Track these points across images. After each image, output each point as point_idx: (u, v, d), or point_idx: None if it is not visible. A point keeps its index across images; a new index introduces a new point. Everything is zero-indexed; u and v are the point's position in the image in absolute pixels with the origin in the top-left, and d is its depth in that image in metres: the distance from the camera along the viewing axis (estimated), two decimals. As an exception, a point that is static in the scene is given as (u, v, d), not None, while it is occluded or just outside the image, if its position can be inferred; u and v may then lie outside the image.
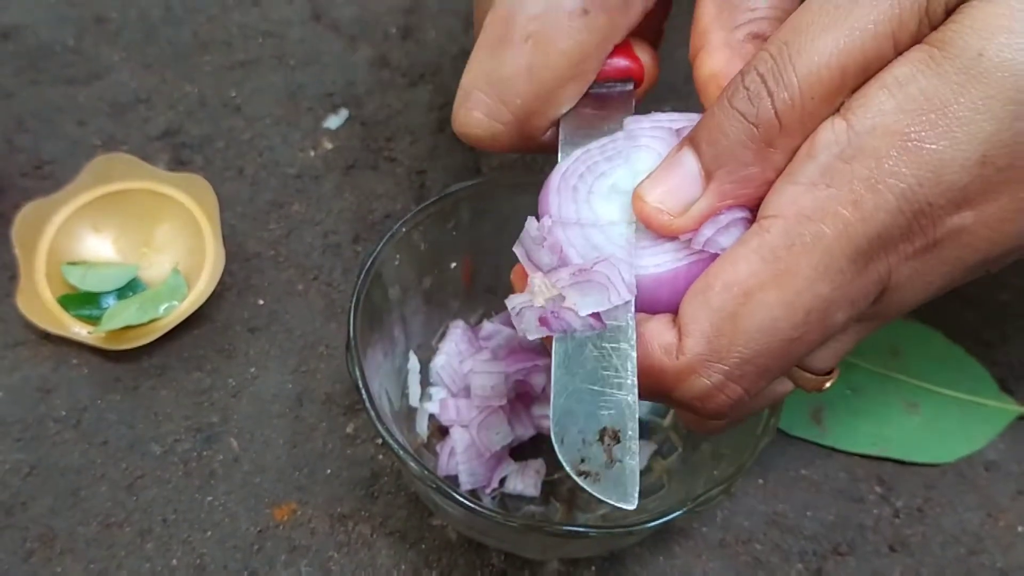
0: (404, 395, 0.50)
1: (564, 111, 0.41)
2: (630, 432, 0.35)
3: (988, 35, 0.31)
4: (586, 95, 0.41)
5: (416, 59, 0.67)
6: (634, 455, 0.34)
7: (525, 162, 0.62)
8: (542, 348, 0.49)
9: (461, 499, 0.40)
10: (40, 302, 0.54)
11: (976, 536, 0.50)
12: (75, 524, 0.48)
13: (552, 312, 0.36)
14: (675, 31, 0.68)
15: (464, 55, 0.66)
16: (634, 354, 0.35)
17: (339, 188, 0.61)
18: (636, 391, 0.35)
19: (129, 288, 0.55)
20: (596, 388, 0.35)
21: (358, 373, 0.43)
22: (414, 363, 0.51)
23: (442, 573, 0.48)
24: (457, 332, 0.52)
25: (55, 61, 0.65)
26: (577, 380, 0.36)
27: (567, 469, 0.34)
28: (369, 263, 0.46)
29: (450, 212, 0.49)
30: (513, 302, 0.37)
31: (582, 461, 0.34)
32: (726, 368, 0.34)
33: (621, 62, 0.42)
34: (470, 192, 0.49)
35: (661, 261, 0.36)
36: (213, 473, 0.50)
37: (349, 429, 0.52)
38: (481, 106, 0.41)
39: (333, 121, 0.64)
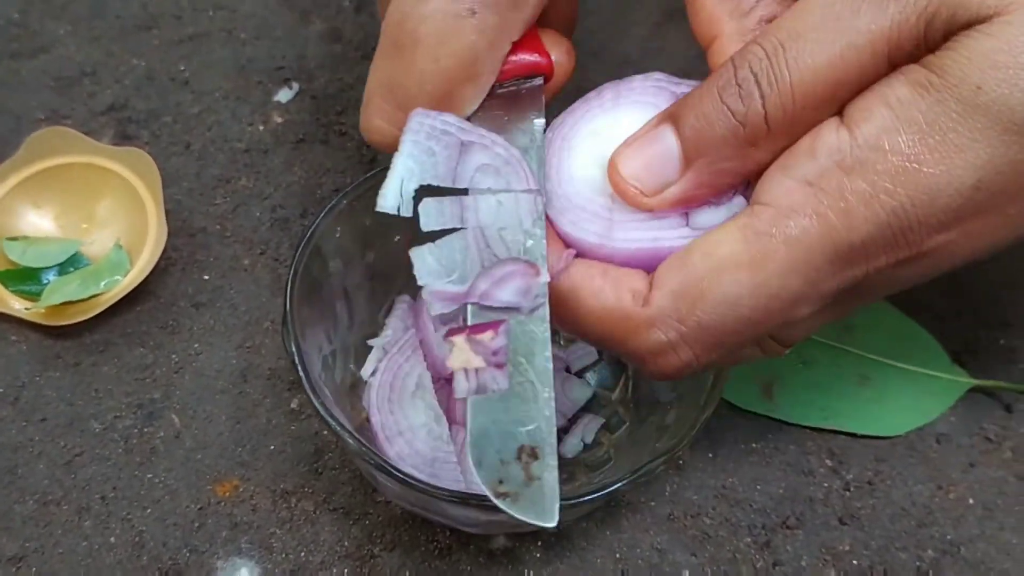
0: (349, 369, 0.50)
1: (467, 113, 0.40)
2: (548, 447, 0.35)
3: (985, 69, 0.32)
4: (492, 95, 0.40)
5: (370, 32, 0.66)
6: (553, 469, 0.34)
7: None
8: None
9: (397, 473, 0.40)
10: (-22, 278, 0.53)
11: (926, 508, 0.50)
12: (11, 502, 0.47)
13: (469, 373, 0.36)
14: (632, 5, 0.68)
15: (418, 28, 0.66)
16: (550, 366, 0.35)
17: (288, 162, 0.60)
18: (553, 404, 0.35)
19: (70, 263, 0.54)
20: (512, 404, 0.35)
21: (295, 348, 0.43)
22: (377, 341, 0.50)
23: (386, 549, 0.47)
24: (403, 307, 0.51)
25: (0, 35, 0.64)
26: (493, 398, 0.35)
27: (487, 492, 0.34)
28: (308, 236, 0.45)
29: (394, 184, 0.48)
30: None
31: (500, 483, 0.34)
32: (683, 329, 0.35)
33: (526, 57, 0.40)
34: (415, 164, 0.48)
35: (641, 238, 0.37)
36: (154, 450, 0.49)
37: (294, 404, 0.51)
38: (380, 112, 0.40)
39: (284, 95, 0.63)
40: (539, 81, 0.41)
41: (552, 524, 0.34)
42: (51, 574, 0.45)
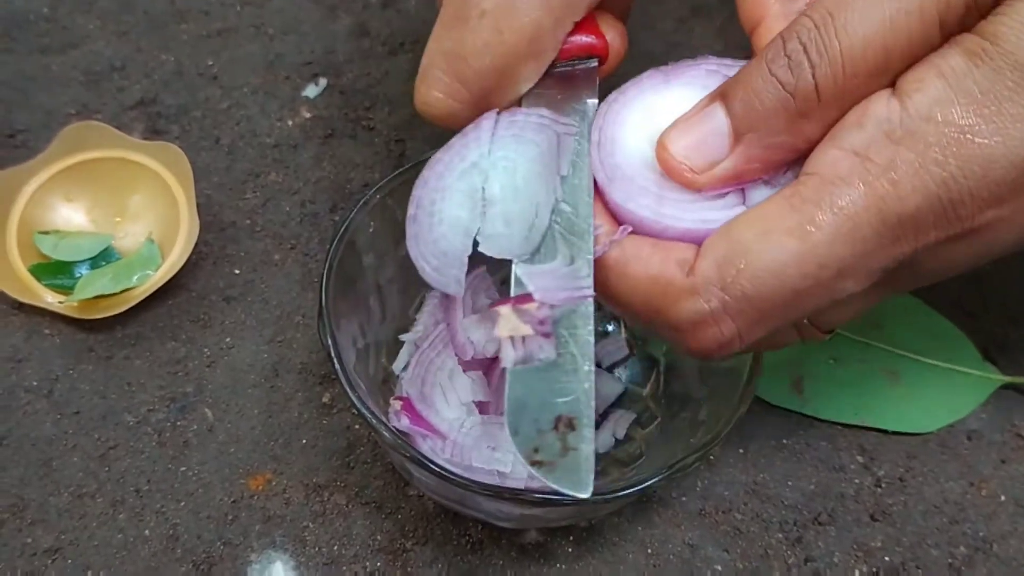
0: (381, 364, 0.50)
1: (524, 90, 0.40)
2: (586, 419, 0.34)
3: None
4: (548, 74, 0.40)
5: (396, 28, 0.66)
6: (589, 442, 0.34)
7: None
8: None
9: (433, 466, 0.40)
10: (12, 271, 0.53)
11: (958, 505, 0.50)
12: (46, 495, 0.48)
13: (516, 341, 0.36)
14: (658, 0, 0.68)
15: (445, 24, 0.66)
16: (591, 340, 0.35)
17: (317, 157, 0.60)
18: (592, 378, 0.35)
19: (102, 257, 0.54)
20: (552, 375, 0.35)
21: (330, 342, 0.43)
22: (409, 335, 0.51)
23: (418, 543, 0.47)
24: (434, 302, 0.51)
25: (29, 30, 0.64)
26: (534, 368, 0.35)
27: (521, 459, 0.34)
28: (342, 230, 0.45)
29: (426, 178, 0.48)
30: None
31: (536, 451, 0.34)
32: (726, 298, 0.34)
33: (584, 39, 0.41)
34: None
35: (692, 218, 0.36)
36: (187, 443, 0.50)
37: (325, 399, 0.51)
38: (439, 85, 0.40)
39: (311, 90, 0.63)
40: (594, 63, 0.41)
41: (586, 494, 0.33)
42: (86, 567, 0.46)
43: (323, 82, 0.63)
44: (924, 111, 0.32)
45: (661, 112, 0.38)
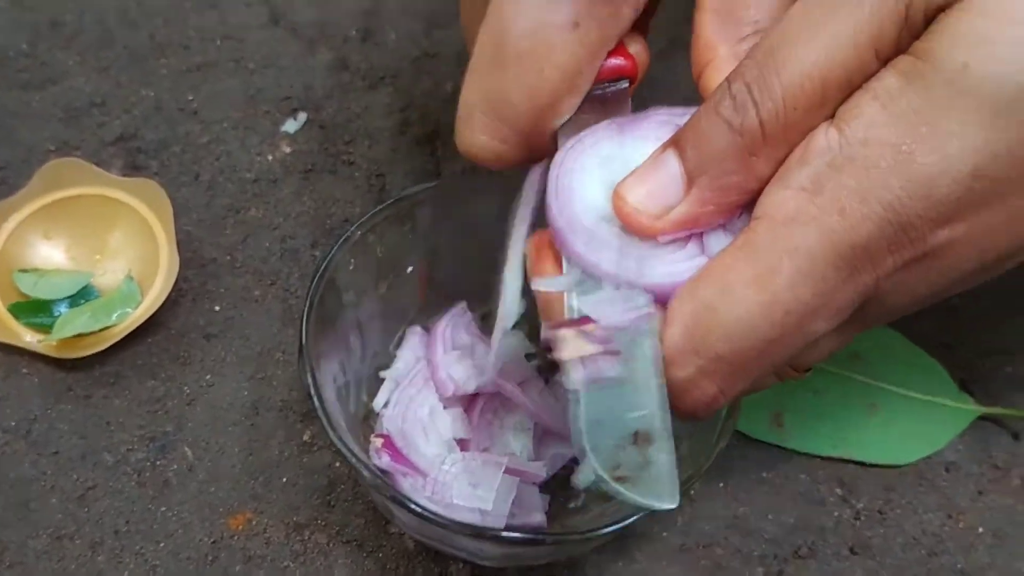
0: (362, 401, 0.50)
1: (562, 122, 0.40)
2: (663, 431, 0.34)
3: (969, 46, 0.31)
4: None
5: (376, 62, 0.66)
6: (670, 452, 0.34)
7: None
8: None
9: (414, 506, 0.40)
10: (-10, 311, 0.53)
11: (937, 537, 0.50)
12: (25, 536, 0.47)
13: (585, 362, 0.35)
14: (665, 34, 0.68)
15: (424, 57, 0.66)
16: (659, 350, 0.35)
17: (297, 192, 0.60)
18: (664, 388, 0.34)
19: (82, 295, 0.54)
20: (623, 392, 0.35)
21: (310, 380, 0.43)
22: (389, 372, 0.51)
23: (400, 582, 0.47)
24: (415, 339, 0.51)
25: (9, 66, 0.64)
26: (605, 385, 0.35)
27: (604, 478, 0.34)
28: (322, 268, 0.45)
29: (406, 215, 0.49)
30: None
31: (617, 467, 0.34)
32: (701, 363, 0.34)
33: (614, 62, 0.41)
34: (427, 195, 0.49)
35: (653, 272, 0.36)
36: (167, 483, 0.49)
37: (306, 436, 0.51)
38: (484, 128, 0.40)
39: (291, 125, 0.63)
40: (624, 84, 0.41)
41: (674, 504, 0.34)
42: (65, 609, 0.45)
43: (303, 116, 0.63)
44: (861, 135, 0.32)
45: (616, 164, 0.38)
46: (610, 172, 0.38)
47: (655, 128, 0.39)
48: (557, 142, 0.40)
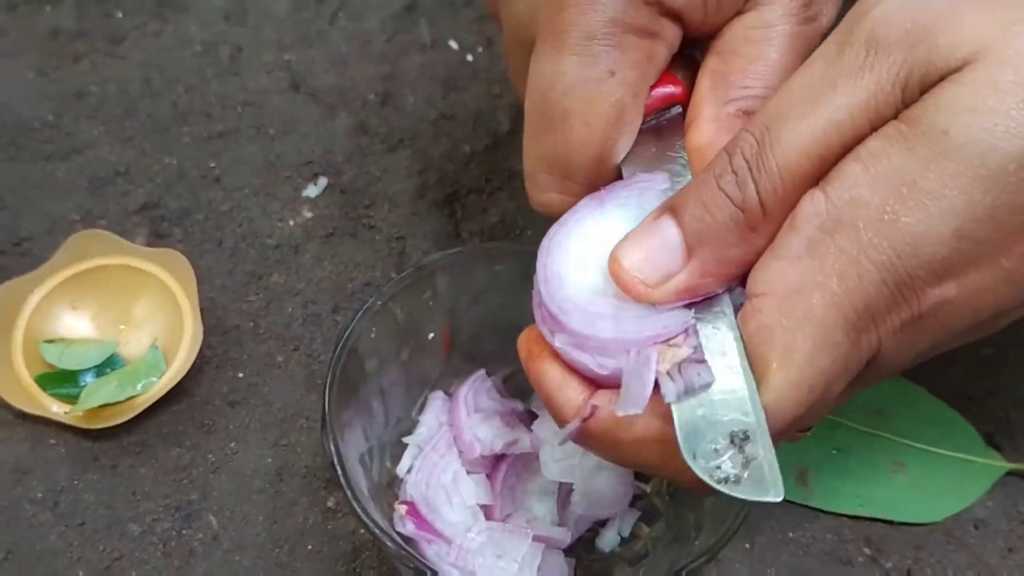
0: (385, 467, 0.50)
1: (621, 158, 0.41)
2: (760, 429, 0.34)
3: (953, 114, 0.31)
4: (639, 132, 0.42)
5: (395, 125, 0.67)
6: (768, 448, 0.33)
7: (505, 226, 0.62)
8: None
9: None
10: (17, 381, 0.53)
11: (967, 596, 0.49)
12: (52, 609, 0.48)
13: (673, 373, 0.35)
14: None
15: (443, 119, 0.67)
16: (740, 346, 0.35)
17: (318, 257, 0.61)
18: (752, 382, 0.34)
19: (107, 365, 0.54)
20: (716, 395, 0.35)
21: (334, 451, 0.43)
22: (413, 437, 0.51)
23: (425, 650, 0.47)
24: (437, 403, 0.51)
25: (34, 137, 0.65)
26: (699, 393, 0.35)
27: (707, 482, 0.33)
28: (345, 338, 0.46)
29: (426, 282, 0.49)
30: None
31: (718, 468, 0.34)
32: None
33: (663, 91, 0.41)
34: (446, 261, 0.49)
35: (670, 323, 0.36)
36: (193, 552, 0.50)
37: (330, 503, 0.51)
38: (549, 186, 0.41)
39: (312, 190, 0.64)
40: (678, 109, 0.42)
41: (778, 498, 0.33)
42: None
43: (323, 181, 0.64)
44: (846, 196, 0.32)
45: (601, 238, 0.38)
46: (596, 247, 0.39)
47: (636, 196, 0.40)
48: (622, 174, 0.41)
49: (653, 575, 0.47)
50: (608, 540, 0.49)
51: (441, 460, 0.49)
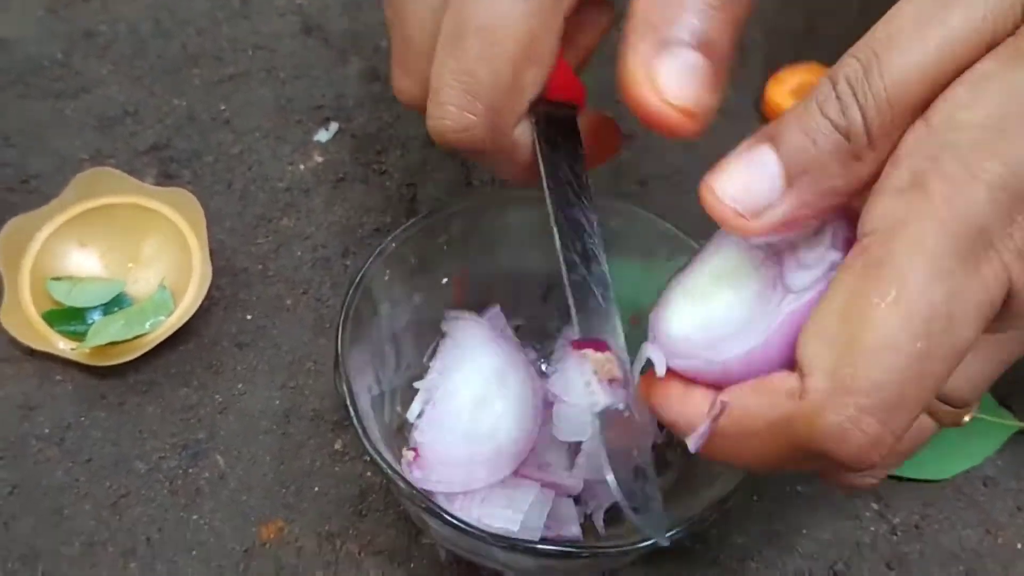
0: (395, 411, 0.50)
1: (530, 98, 0.41)
2: (648, 469, 0.36)
3: None
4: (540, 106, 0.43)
5: (407, 72, 0.66)
6: (654, 490, 0.35)
7: (517, 176, 0.62)
8: None
9: (450, 517, 0.40)
10: (24, 318, 0.53)
11: (975, 553, 0.49)
12: (58, 544, 0.47)
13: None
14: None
15: (456, 68, 0.66)
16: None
17: (329, 202, 0.60)
18: (651, 427, 0.35)
19: (115, 303, 0.54)
20: (625, 426, 0.36)
21: (346, 390, 0.42)
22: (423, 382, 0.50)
23: (432, 593, 0.47)
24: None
25: (43, 75, 0.65)
26: (620, 418, 0.37)
27: (625, 506, 0.35)
28: (358, 279, 0.45)
29: (441, 227, 0.48)
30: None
31: (632, 495, 0.35)
32: (857, 399, 0.31)
33: (564, 84, 0.43)
34: (462, 207, 0.49)
35: (747, 344, 0.35)
36: (199, 491, 0.49)
37: (337, 445, 0.51)
38: (451, 98, 0.41)
39: (323, 134, 0.63)
40: (573, 112, 0.43)
41: (664, 543, 0.35)
42: (97, 617, 0.45)
43: (334, 126, 0.63)
44: (950, 120, 0.31)
45: (699, 294, 0.38)
46: (694, 301, 0.38)
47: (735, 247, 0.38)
48: (531, 131, 0.42)
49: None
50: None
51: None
